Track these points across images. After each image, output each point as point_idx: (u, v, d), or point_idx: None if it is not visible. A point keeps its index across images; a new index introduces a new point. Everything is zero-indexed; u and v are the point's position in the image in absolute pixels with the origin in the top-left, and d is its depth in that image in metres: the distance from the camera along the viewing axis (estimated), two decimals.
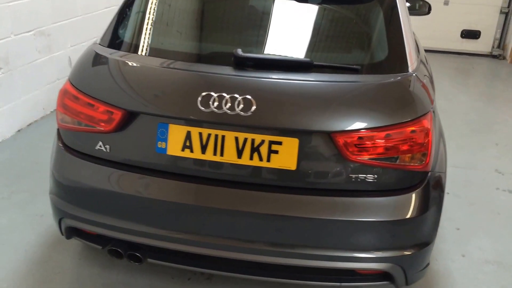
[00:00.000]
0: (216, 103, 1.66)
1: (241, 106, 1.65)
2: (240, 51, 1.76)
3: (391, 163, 1.70)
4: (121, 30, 2.03)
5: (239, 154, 1.69)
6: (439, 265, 2.37)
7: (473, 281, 2.29)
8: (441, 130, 2.08)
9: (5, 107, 3.46)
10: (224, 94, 1.66)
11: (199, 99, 1.67)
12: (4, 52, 3.37)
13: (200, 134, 1.69)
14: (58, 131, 1.99)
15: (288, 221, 1.70)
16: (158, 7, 2.08)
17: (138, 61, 1.89)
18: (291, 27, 2.01)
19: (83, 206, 1.86)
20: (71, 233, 1.99)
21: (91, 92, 1.81)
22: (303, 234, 1.71)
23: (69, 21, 4.01)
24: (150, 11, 2.06)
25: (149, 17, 2.04)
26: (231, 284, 2.15)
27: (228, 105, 1.65)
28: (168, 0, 2.11)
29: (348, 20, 2.08)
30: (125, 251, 1.89)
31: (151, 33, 2.00)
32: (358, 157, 1.67)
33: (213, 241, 1.75)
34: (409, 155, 1.71)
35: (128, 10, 2.08)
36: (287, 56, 1.88)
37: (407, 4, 2.47)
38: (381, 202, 1.73)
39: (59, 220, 1.96)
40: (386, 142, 1.67)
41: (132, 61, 1.90)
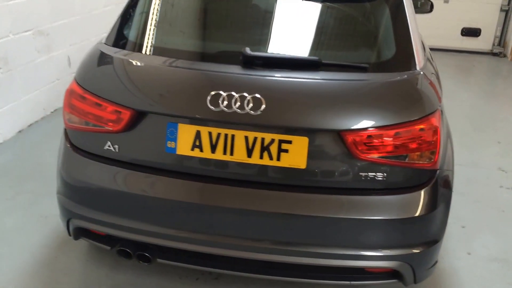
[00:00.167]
0: (225, 102, 1.65)
1: (250, 105, 1.64)
2: (249, 49, 1.76)
3: (400, 161, 1.70)
4: (127, 29, 2.02)
5: (249, 153, 1.68)
6: (445, 263, 2.38)
7: (479, 279, 2.30)
8: (448, 128, 2.08)
9: (5, 107, 3.45)
10: (233, 93, 1.66)
11: (209, 98, 1.67)
12: (3, 52, 3.35)
13: (210, 134, 1.69)
14: (65, 131, 1.98)
15: (298, 220, 1.70)
16: (165, 6, 2.07)
17: (147, 60, 1.88)
18: (298, 26, 2.00)
19: (92, 207, 1.85)
20: (79, 233, 1.98)
21: (99, 92, 1.81)
22: (313, 232, 1.71)
23: (67, 20, 3.99)
24: (157, 10, 2.05)
25: (156, 15, 2.03)
26: (239, 284, 2.15)
27: (238, 104, 1.65)
28: None
29: (355, 18, 2.08)
30: (134, 251, 1.88)
31: (158, 32, 1.99)
32: (368, 156, 1.67)
33: (223, 240, 1.75)
34: (418, 153, 1.71)
35: (134, 8, 2.07)
36: (295, 55, 1.88)
37: None
38: (390, 200, 1.73)
39: (67, 220, 1.95)
40: (395, 140, 1.67)
41: (141, 60, 1.89)
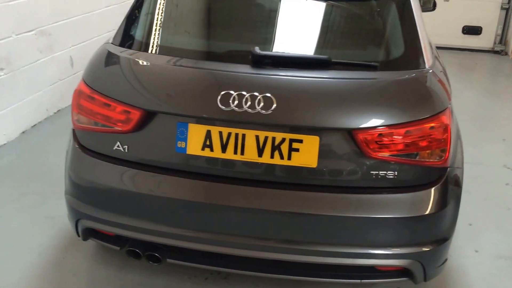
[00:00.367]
0: (236, 102, 1.65)
1: (261, 105, 1.64)
2: (258, 49, 1.75)
3: (411, 159, 1.70)
4: (135, 29, 2.02)
5: (260, 152, 1.68)
6: (453, 261, 2.38)
7: (487, 276, 2.30)
8: (457, 126, 2.08)
9: (9, 108, 3.44)
10: (243, 93, 1.66)
11: (219, 98, 1.66)
12: (6, 52, 3.34)
13: (220, 133, 1.68)
14: (74, 131, 1.97)
15: (309, 219, 1.70)
16: (174, 5, 2.07)
17: (156, 60, 1.88)
18: (305, 25, 2.00)
19: (101, 207, 1.85)
20: (88, 234, 1.98)
21: (108, 92, 1.80)
22: (324, 231, 1.71)
23: (69, 20, 3.98)
24: (166, 9, 2.04)
25: (164, 15, 2.03)
26: (248, 283, 2.15)
27: (248, 103, 1.64)
28: None
29: (363, 17, 2.08)
30: (143, 252, 1.88)
31: (167, 32, 1.99)
32: (379, 154, 1.67)
33: (234, 239, 1.74)
34: (429, 151, 1.71)
35: (142, 8, 2.06)
36: (305, 54, 1.88)
37: None
38: (401, 199, 1.73)
39: (76, 221, 1.94)
40: (406, 138, 1.67)
41: (150, 60, 1.88)
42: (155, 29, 2.01)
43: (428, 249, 1.78)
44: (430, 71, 1.85)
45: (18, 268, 2.22)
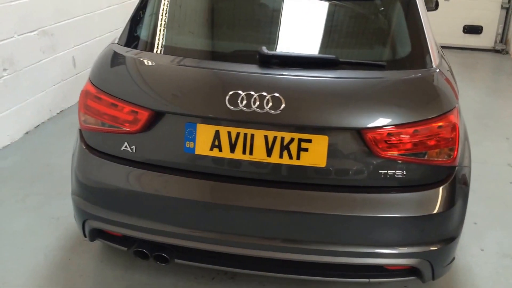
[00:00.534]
0: (244, 102, 1.65)
1: (270, 104, 1.64)
2: (265, 48, 1.75)
3: (419, 158, 1.70)
4: (142, 29, 2.01)
5: (269, 152, 1.68)
6: (459, 260, 2.38)
7: (493, 275, 2.30)
8: (464, 125, 2.08)
9: (12, 108, 3.43)
10: (251, 93, 1.65)
11: (227, 98, 1.66)
12: (9, 53, 3.33)
13: (229, 133, 1.68)
14: (80, 132, 1.96)
15: (318, 219, 1.70)
16: (182, 5, 2.06)
17: (163, 60, 1.87)
18: (312, 25, 2.00)
19: (108, 208, 1.84)
20: (95, 235, 1.97)
21: (115, 93, 1.80)
22: (333, 231, 1.71)
23: (71, 20, 3.97)
24: (176, 10, 2.04)
25: (173, 15, 2.02)
26: (254, 283, 2.14)
27: (257, 103, 1.64)
28: None
29: (370, 16, 2.08)
30: (151, 252, 1.88)
31: (174, 32, 1.99)
32: (388, 153, 1.67)
33: (243, 239, 1.74)
34: (437, 150, 1.71)
35: (150, 8, 2.05)
36: (312, 54, 1.88)
37: None
38: (410, 198, 1.73)
39: (83, 222, 1.94)
40: (415, 138, 1.67)
41: (157, 60, 1.88)
42: (162, 30, 2.00)
43: (436, 248, 1.78)
44: (437, 70, 1.85)
45: (24, 269, 2.21)
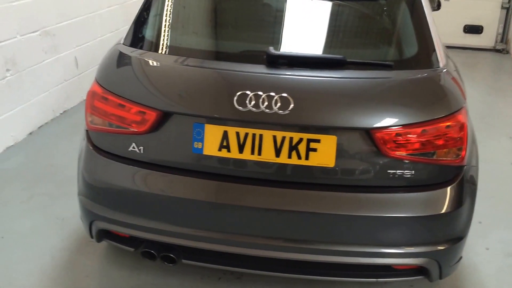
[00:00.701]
0: (253, 102, 1.65)
1: (278, 105, 1.64)
2: (273, 49, 1.75)
3: (428, 158, 1.70)
4: (149, 30, 2.01)
5: (277, 153, 1.68)
6: (464, 259, 2.37)
7: (499, 274, 2.31)
8: (471, 125, 2.08)
9: (16, 109, 3.43)
10: (260, 93, 1.65)
11: (235, 98, 1.66)
12: (12, 53, 3.33)
13: (237, 134, 1.68)
14: (87, 133, 1.96)
15: (327, 218, 1.70)
16: (188, 5, 2.06)
17: (171, 61, 1.87)
18: (319, 25, 2.00)
19: (116, 208, 1.84)
20: (102, 236, 1.97)
21: (122, 93, 1.79)
22: (342, 231, 1.71)
23: (72, 21, 3.97)
24: (180, 10, 2.04)
25: (178, 16, 2.02)
26: (261, 283, 2.14)
27: (265, 104, 1.64)
28: None
29: (377, 16, 2.08)
30: (158, 253, 1.88)
31: (182, 32, 1.98)
32: (396, 153, 1.67)
33: (251, 240, 1.74)
34: (446, 149, 1.71)
35: (156, 8, 2.05)
36: (319, 54, 1.88)
37: None
38: (418, 197, 1.73)
39: (90, 222, 1.94)
40: (423, 137, 1.68)
41: (165, 61, 1.88)
42: (169, 30, 2.00)
43: (444, 247, 1.78)
44: (445, 70, 1.85)
45: (31, 270, 2.21)
